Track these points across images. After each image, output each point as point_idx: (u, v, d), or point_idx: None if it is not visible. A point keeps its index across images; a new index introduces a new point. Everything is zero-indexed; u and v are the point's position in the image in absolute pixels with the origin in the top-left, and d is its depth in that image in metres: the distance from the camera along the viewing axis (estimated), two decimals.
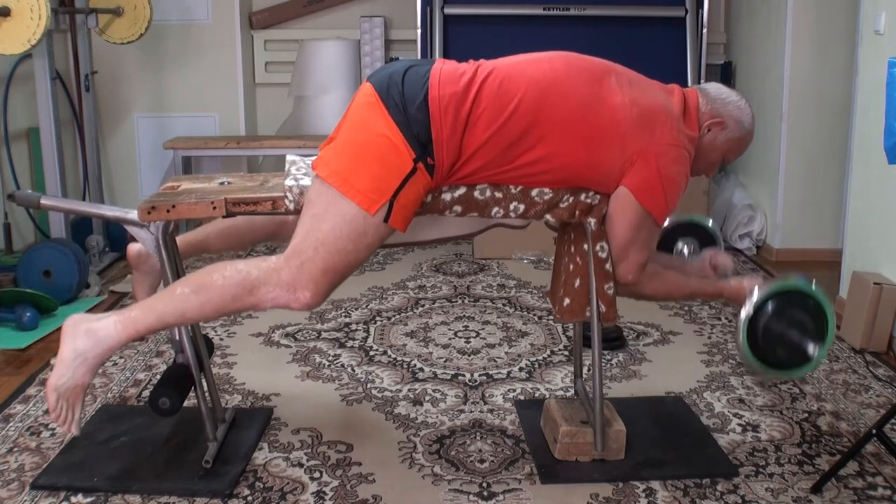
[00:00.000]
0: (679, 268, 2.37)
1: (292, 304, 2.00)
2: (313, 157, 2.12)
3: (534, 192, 2.13)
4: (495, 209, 2.14)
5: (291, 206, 2.11)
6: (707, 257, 2.41)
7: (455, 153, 2.02)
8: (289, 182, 2.13)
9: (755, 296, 2.10)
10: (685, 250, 2.48)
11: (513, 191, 2.13)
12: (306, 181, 2.11)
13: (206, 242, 2.42)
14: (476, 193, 2.12)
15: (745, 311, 2.09)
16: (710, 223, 2.57)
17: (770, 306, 2.09)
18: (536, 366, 3.04)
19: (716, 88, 2.27)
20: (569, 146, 2.06)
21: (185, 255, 2.39)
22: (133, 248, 2.36)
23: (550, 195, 2.14)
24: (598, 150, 2.07)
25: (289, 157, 2.29)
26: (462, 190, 2.12)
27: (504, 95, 2.02)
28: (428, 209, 2.12)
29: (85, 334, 2.03)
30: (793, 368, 2.15)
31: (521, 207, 2.14)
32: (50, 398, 2.04)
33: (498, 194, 2.13)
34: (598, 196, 2.15)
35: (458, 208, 2.13)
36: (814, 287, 2.12)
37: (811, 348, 2.08)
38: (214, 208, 2.13)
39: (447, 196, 2.12)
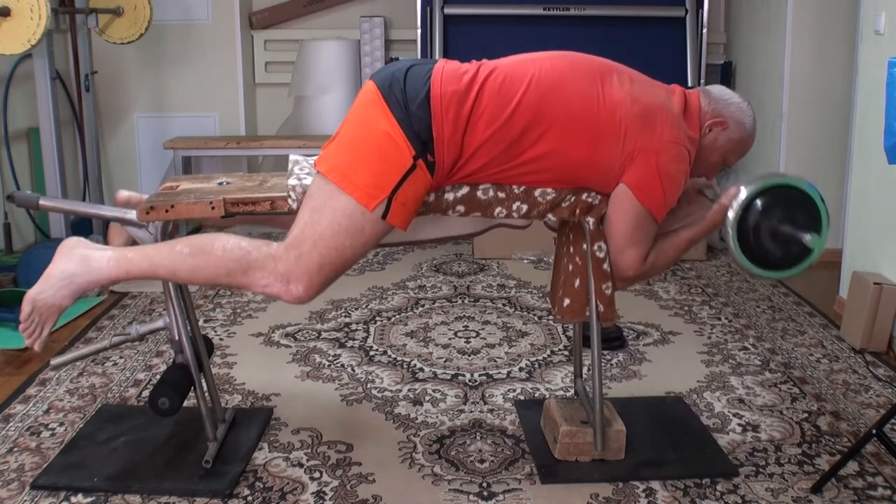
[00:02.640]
0: (670, 221, 2.30)
1: (283, 295, 2.01)
2: (316, 157, 2.12)
3: (537, 193, 2.13)
4: (498, 209, 2.15)
5: (294, 206, 2.11)
6: (688, 186, 2.32)
7: (456, 151, 2.02)
8: (292, 182, 2.13)
9: (741, 196, 2.03)
10: None
11: (516, 191, 2.13)
12: (309, 181, 2.11)
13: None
14: (479, 193, 2.12)
15: (733, 213, 2.02)
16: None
17: (758, 204, 2.02)
18: (536, 366, 3.04)
19: (718, 90, 2.27)
20: (570, 143, 2.06)
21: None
22: (122, 194, 2.35)
23: (553, 195, 2.14)
24: (599, 148, 2.07)
25: (292, 157, 2.29)
26: (465, 190, 2.12)
27: (505, 94, 2.03)
28: (431, 209, 2.13)
29: (78, 258, 2.05)
30: (793, 265, 2.08)
31: (525, 208, 2.15)
32: (24, 308, 2.06)
33: (501, 194, 2.13)
34: (599, 196, 2.16)
35: (461, 208, 2.14)
36: (803, 181, 2.06)
37: (807, 238, 2.01)
38: (213, 208, 2.13)
39: (450, 196, 2.12)
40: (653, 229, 2.17)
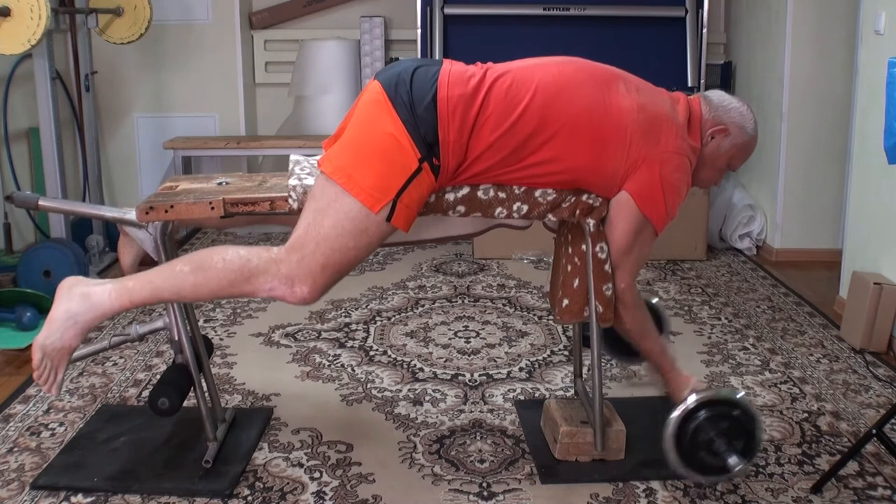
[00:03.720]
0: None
1: (288, 297, 2.00)
2: (317, 157, 2.11)
3: (537, 193, 2.13)
4: (499, 209, 2.15)
5: (295, 206, 2.11)
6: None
7: (461, 155, 2.02)
8: (292, 182, 2.13)
9: (689, 400, 2.12)
10: None
11: (516, 191, 2.13)
12: (310, 181, 2.11)
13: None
14: (480, 194, 2.12)
15: (676, 413, 2.12)
16: (654, 300, 2.64)
17: (703, 413, 2.11)
18: (536, 366, 3.04)
19: (718, 96, 2.26)
20: (575, 149, 2.06)
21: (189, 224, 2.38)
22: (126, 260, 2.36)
23: (553, 196, 2.14)
24: (604, 154, 2.07)
25: (292, 157, 2.29)
26: (466, 190, 2.12)
27: (512, 99, 2.02)
28: (431, 209, 2.12)
29: (79, 297, 2.03)
30: (711, 474, 2.15)
31: (525, 208, 2.15)
32: (35, 356, 2.03)
33: (501, 195, 2.13)
34: (600, 198, 2.15)
35: (461, 208, 2.13)
36: (746, 402, 2.14)
37: (732, 461, 2.08)
38: (213, 208, 2.13)
39: (451, 196, 2.12)
40: (650, 241, 2.17)
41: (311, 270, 1.98)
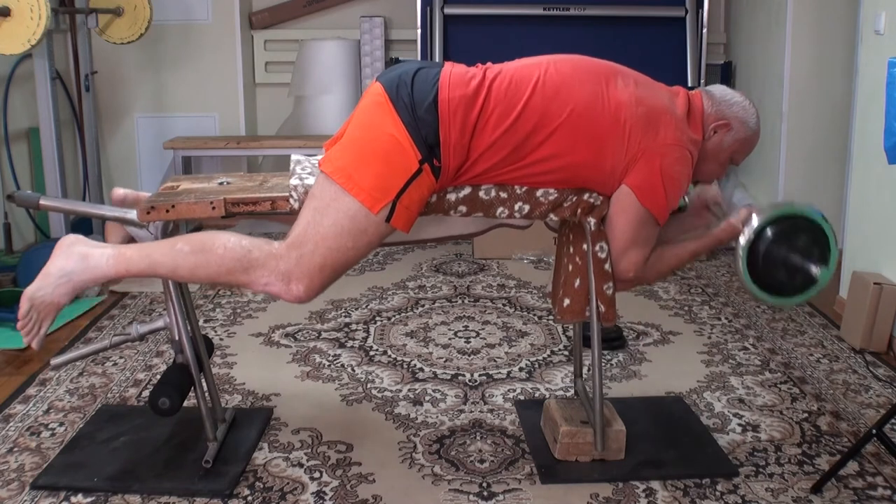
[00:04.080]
0: (676, 226, 2.33)
1: (284, 295, 2.00)
2: (318, 157, 2.11)
3: (539, 193, 2.13)
4: (500, 209, 2.15)
5: (296, 206, 2.11)
6: (695, 198, 2.36)
7: (462, 156, 2.02)
8: (293, 181, 2.13)
9: (753, 222, 2.06)
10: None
11: (518, 191, 2.13)
12: (311, 181, 2.11)
13: None
14: (481, 194, 2.12)
15: (744, 239, 2.05)
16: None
17: (769, 232, 2.05)
18: (536, 366, 3.04)
19: (720, 90, 2.27)
20: (574, 145, 2.06)
21: None
22: (118, 191, 2.35)
23: (555, 195, 2.14)
24: (603, 149, 2.07)
25: (294, 157, 2.29)
26: (467, 190, 2.12)
27: (512, 97, 2.03)
28: (433, 209, 2.12)
29: (77, 256, 2.04)
30: (799, 293, 2.10)
31: (526, 208, 2.15)
32: (23, 306, 2.06)
33: (503, 195, 2.13)
34: (601, 197, 2.16)
35: (462, 208, 2.14)
36: (814, 211, 2.07)
37: (815, 269, 2.03)
38: (213, 208, 2.13)
39: (452, 196, 2.12)
40: (654, 231, 2.17)
41: (308, 269, 1.98)
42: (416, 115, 1.98)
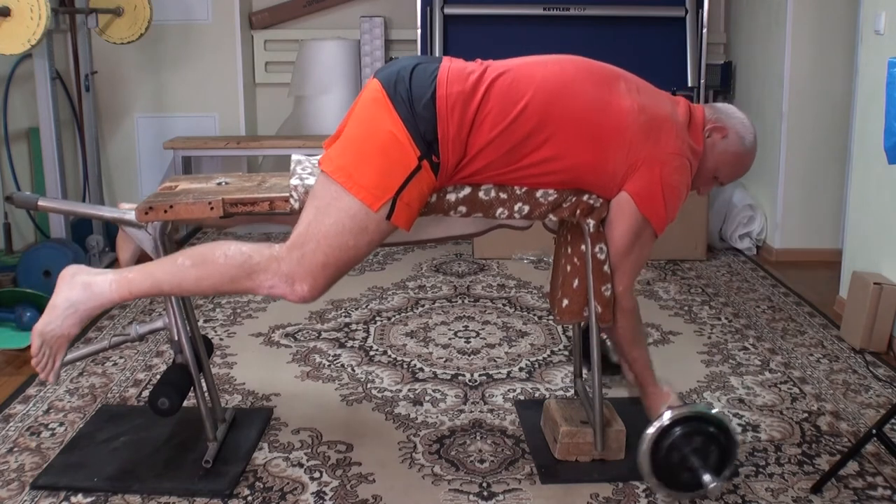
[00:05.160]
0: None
1: (288, 296, 2.00)
2: (319, 157, 2.12)
3: (538, 194, 2.13)
4: (500, 210, 2.14)
5: (297, 206, 2.11)
6: None
7: (461, 152, 2.02)
8: (294, 181, 2.13)
9: (665, 416, 2.08)
10: None
11: (517, 192, 2.13)
12: (312, 181, 2.10)
13: None
14: (481, 194, 2.12)
15: (651, 430, 2.08)
16: None
17: (678, 430, 2.08)
18: (536, 366, 3.04)
19: (725, 105, 2.29)
20: (575, 148, 2.05)
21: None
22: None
23: (555, 196, 2.14)
24: (604, 154, 2.07)
25: (294, 157, 2.29)
26: (467, 190, 2.12)
27: (512, 96, 2.02)
28: (432, 209, 2.12)
29: (81, 286, 2.05)
30: (683, 490, 2.12)
31: (526, 209, 2.14)
32: (34, 342, 2.06)
33: (503, 195, 2.13)
34: (601, 199, 2.15)
35: (462, 209, 2.13)
36: (722, 419, 2.11)
37: (707, 478, 2.05)
38: (212, 208, 2.13)
39: (452, 196, 2.12)
40: (649, 242, 2.16)
41: (311, 269, 1.98)
42: (415, 111, 1.98)
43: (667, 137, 2.09)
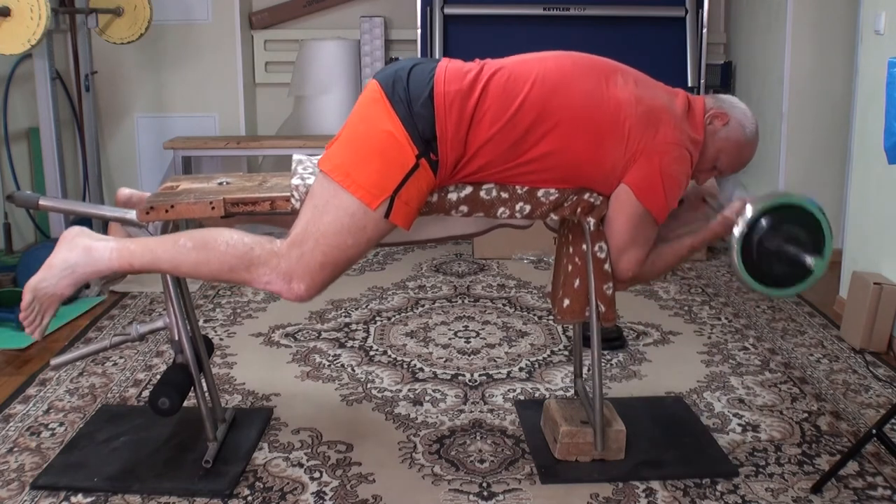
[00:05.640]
0: (671, 225, 2.31)
1: (285, 293, 2.01)
2: (320, 156, 2.12)
3: (540, 193, 2.13)
4: (501, 209, 2.15)
5: (297, 206, 2.11)
6: (691, 191, 2.35)
7: (460, 150, 2.02)
8: (295, 181, 2.13)
9: (747, 213, 2.05)
10: None
11: (519, 191, 2.13)
12: (313, 180, 2.11)
13: None
14: (482, 193, 2.12)
15: (738, 230, 2.04)
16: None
17: (763, 222, 2.04)
18: (536, 366, 3.04)
19: (727, 95, 2.29)
20: (573, 142, 2.06)
21: None
22: (124, 192, 2.35)
23: (556, 195, 2.14)
24: (602, 147, 2.07)
25: (295, 157, 2.29)
26: (468, 190, 2.12)
27: (510, 92, 2.03)
28: (434, 209, 2.13)
29: (81, 249, 2.05)
30: (794, 284, 2.09)
31: (528, 208, 2.15)
32: (25, 297, 2.07)
33: (504, 194, 2.13)
34: (601, 197, 2.15)
35: (464, 208, 2.14)
36: (809, 200, 2.07)
37: (809, 260, 2.02)
38: (213, 208, 2.13)
39: (453, 196, 2.12)
40: (653, 231, 2.16)
41: (309, 268, 1.99)
42: (413, 110, 1.98)
43: (665, 128, 2.09)
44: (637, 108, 2.08)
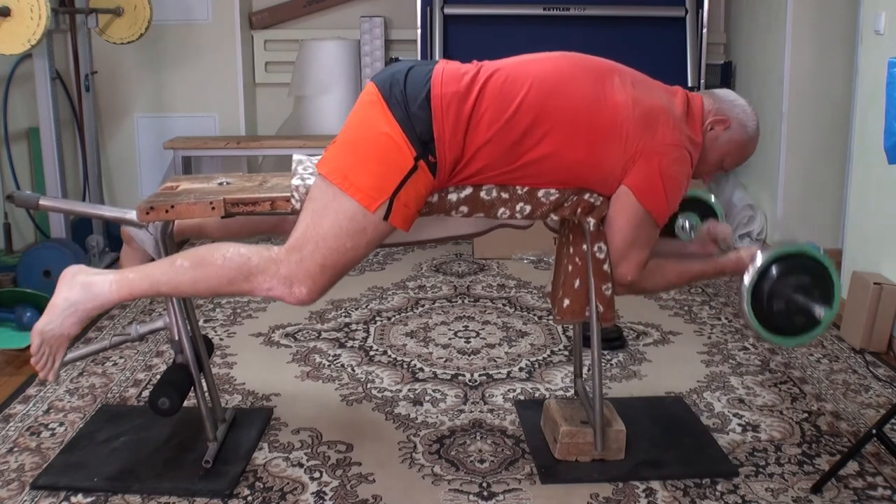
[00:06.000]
0: (678, 251, 2.34)
1: (287, 298, 2.01)
2: (320, 157, 2.12)
3: (540, 193, 2.13)
4: (501, 210, 2.15)
5: (298, 206, 2.11)
6: (706, 230, 2.37)
7: (458, 151, 2.02)
8: (295, 181, 2.13)
9: (758, 261, 2.07)
10: (686, 225, 2.40)
11: (519, 192, 2.13)
12: (313, 181, 2.11)
13: (204, 229, 2.42)
14: (482, 194, 2.12)
15: (748, 278, 2.07)
16: (712, 198, 2.50)
17: (774, 271, 2.06)
18: (536, 366, 3.04)
19: (724, 92, 2.28)
20: (572, 144, 2.06)
21: (181, 235, 2.37)
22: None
23: (556, 196, 2.14)
24: (601, 149, 2.07)
25: (295, 157, 2.30)
26: (468, 190, 2.12)
27: (507, 94, 2.03)
28: (434, 209, 2.13)
29: (81, 286, 2.05)
30: (801, 333, 2.11)
31: (528, 208, 2.15)
32: (34, 342, 2.06)
33: (504, 195, 2.13)
34: (601, 198, 2.15)
35: (464, 209, 2.14)
36: (818, 250, 2.09)
37: (818, 311, 2.04)
38: (213, 208, 2.13)
39: (453, 196, 2.12)
40: (653, 233, 2.16)
41: (309, 271, 1.99)
42: (410, 111, 1.98)
43: (664, 129, 2.09)
44: (635, 110, 2.07)
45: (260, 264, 1.99)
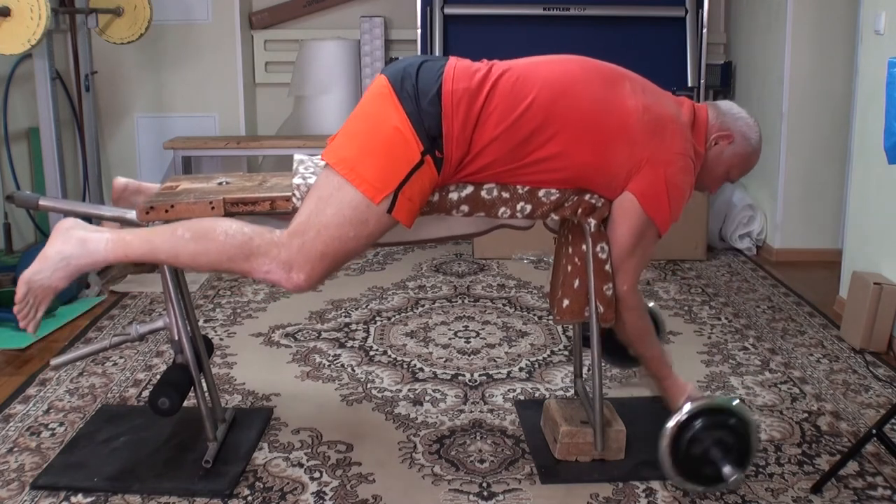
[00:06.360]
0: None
1: (284, 283, 2.00)
2: (321, 156, 2.12)
3: (541, 193, 2.13)
4: (502, 209, 2.15)
5: (298, 205, 2.11)
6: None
7: (465, 148, 2.02)
8: (296, 181, 2.13)
9: (684, 409, 2.13)
10: None
11: (520, 191, 2.13)
12: (314, 180, 2.11)
13: None
14: (483, 193, 2.12)
15: (675, 418, 2.12)
16: (651, 304, 2.61)
17: (699, 422, 2.12)
18: (536, 366, 3.04)
19: (727, 105, 2.29)
20: (578, 147, 2.06)
21: None
22: (119, 181, 2.35)
23: (557, 195, 2.14)
24: (607, 153, 2.07)
25: (297, 156, 2.30)
26: (469, 189, 2.12)
27: (517, 93, 2.03)
28: (435, 208, 2.13)
29: (76, 241, 2.03)
30: (707, 484, 2.15)
31: (528, 208, 2.15)
32: (19, 289, 2.04)
33: (505, 194, 2.13)
34: (602, 199, 2.15)
35: (465, 208, 2.14)
36: (742, 411, 2.15)
37: (727, 470, 2.08)
38: (213, 208, 2.13)
39: (454, 195, 2.12)
40: (653, 242, 2.17)
41: (309, 257, 1.99)
42: (420, 106, 1.99)
43: (671, 137, 2.10)
44: (644, 117, 2.08)
45: (261, 246, 1.98)
